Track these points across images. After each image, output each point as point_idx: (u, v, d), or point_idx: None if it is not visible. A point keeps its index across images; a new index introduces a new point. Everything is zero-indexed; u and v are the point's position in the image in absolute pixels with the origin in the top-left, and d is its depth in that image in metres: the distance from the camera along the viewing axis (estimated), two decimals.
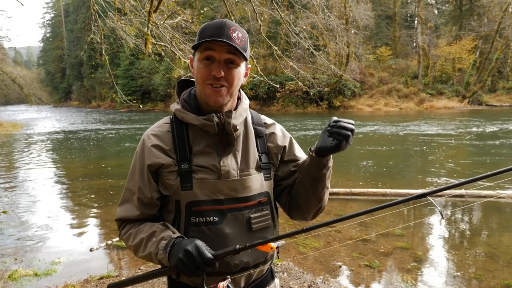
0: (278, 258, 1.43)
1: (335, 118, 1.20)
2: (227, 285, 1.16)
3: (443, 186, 1.21)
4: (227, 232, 1.23)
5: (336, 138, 1.16)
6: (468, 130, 17.16)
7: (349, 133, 1.16)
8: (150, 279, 1.24)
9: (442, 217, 1.23)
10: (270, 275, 1.41)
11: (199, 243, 1.14)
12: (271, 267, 1.41)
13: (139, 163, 1.29)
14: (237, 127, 1.28)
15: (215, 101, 1.23)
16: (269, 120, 1.46)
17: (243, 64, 1.27)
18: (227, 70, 1.22)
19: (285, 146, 1.41)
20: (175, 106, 1.34)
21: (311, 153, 1.25)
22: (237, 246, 1.15)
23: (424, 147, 12.94)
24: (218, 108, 1.26)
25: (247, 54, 1.25)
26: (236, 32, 1.21)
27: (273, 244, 1.18)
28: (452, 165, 10.00)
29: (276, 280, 1.45)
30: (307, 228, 1.16)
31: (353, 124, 1.19)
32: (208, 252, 1.12)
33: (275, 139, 1.41)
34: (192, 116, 1.27)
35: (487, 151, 11.86)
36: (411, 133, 16.80)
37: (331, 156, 1.25)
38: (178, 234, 1.21)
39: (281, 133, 1.43)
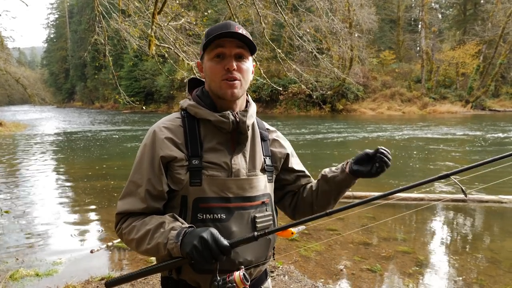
0: (274, 259, 1.45)
1: (381, 147, 1.38)
2: (243, 274, 1.15)
3: (467, 166, 1.34)
4: (233, 230, 1.23)
5: (381, 166, 1.34)
6: (471, 135, 17.12)
7: (389, 163, 1.34)
8: (155, 272, 1.19)
9: (465, 195, 1.29)
10: (264, 274, 1.43)
11: (214, 231, 1.12)
12: (266, 267, 1.44)
13: (149, 154, 1.26)
14: (249, 127, 1.32)
15: (232, 94, 1.27)
16: (270, 127, 1.53)
17: (250, 59, 1.33)
18: (237, 63, 1.26)
19: (288, 154, 1.50)
20: (187, 102, 1.35)
21: (346, 172, 1.38)
22: (255, 233, 1.15)
23: (427, 152, 12.92)
24: (233, 104, 1.31)
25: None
26: (241, 29, 1.26)
27: (294, 230, 1.19)
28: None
29: (269, 279, 1.47)
30: (330, 211, 1.20)
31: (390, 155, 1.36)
32: (224, 240, 1.11)
33: (279, 144, 1.49)
34: (207, 112, 1.28)
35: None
36: (413, 137, 16.77)
37: None
38: (188, 224, 1.19)
39: (283, 140, 1.53)
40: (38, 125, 28.62)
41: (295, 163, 1.54)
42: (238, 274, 1.13)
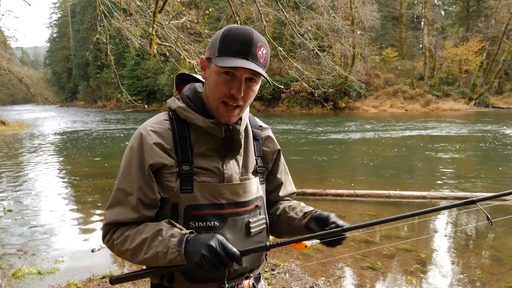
0: (266, 259, 1.45)
1: (339, 223, 1.20)
2: (253, 283, 1.13)
3: (493, 194, 1.24)
4: (227, 238, 1.17)
5: (331, 242, 1.18)
6: (474, 132, 17.05)
7: (341, 243, 1.19)
8: (158, 274, 1.17)
9: (491, 224, 1.20)
10: (258, 278, 1.40)
11: (221, 237, 1.08)
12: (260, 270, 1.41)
13: (138, 161, 1.17)
14: (242, 133, 1.26)
15: (227, 120, 1.19)
16: (263, 124, 1.45)
17: (259, 81, 1.21)
18: (245, 88, 1.15)
19: (279, 150, 1.44)
20: (176, 102, 1.25)
21: (303, 223, 1.28)
22: (267, 243, 1.13)
23: (429, 149, 12.87)
24: None
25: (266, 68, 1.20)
26: (262, 49, 1.14)
27: (308, 243, 1.17)
28: (457, 168, 9.94)
29: (262, 281, 1.44)
30: (346, 228, 1.16)
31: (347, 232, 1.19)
32: (232, 247, 1.08)
33: (271, 143, 1.41)
34: (198, 117, 1.20)
35: (492, 154, 11.77)
36: (415, 135, 16.72)
37: None
38: (187, 230, 1.13)
39: (274, 137, 1.45)
40: (41, 124, 28.71)
41: (280, 171, 1.46)
42: (247, 283, 1.12)
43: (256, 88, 1.20)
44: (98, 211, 6.65)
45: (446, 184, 7.97)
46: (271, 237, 1.43)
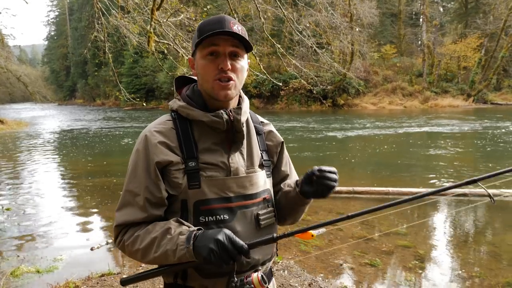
0: (277, 255, 1.45)
1: (317, 168, 1.26)
2: (261, 275, 1.13)
3: (494, 172, 1.28)
4: (238, 230, 1.20)
5: (322, 189, 1.25)
6: (473, 129, 17.07)
7: (334, 184, 1.25)
8: (169, 272, 1.20)
9: (493, 201, 1.23)
10: (270, 272, 1.41)
11: (228, 231, 1.10)
12: (271, 264, 1.42)
13: (144, 161, 1.21)
14: (244, 124, 1.28)
15: (225, 95, 1.22)
16: (265, 120, 1.48)
17: (245, 56, 1.27)
18: (232, 63, 1.21)
19: (282, 142, 1.46)
20: (177, 102, 1.29)
21: (297, 190, 1.32)
22: (274, 235, 1.15)
23: (428, 146, 12.88)
24: (226, 103, 1.26)
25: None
26: (236, 25, 1.20)
27: (314, 232, 1.18)
28: (456, 164, 9.95)
29: (273, 279, 1.45)
30: (350, 215, 1.17)
31: (336, 174, 1.26)
32: (240, 240, 1.10)
33: (274, 136, 1.44)
34: (200, 113, 1.23)
35: (492, 150, 11.79)
36: (414, 131, 16.73)
37: None
38: (195, 228, 1.15)
39: (276, 131, 1.47)
40: (39, 123, 28.66)
41: (284, 163, 1.49)
42: (256, 276, 1.12)
43: (243, 63, 1.25)
44: (97, 209, 6.65)
45: (445, 180, 7.98)
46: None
